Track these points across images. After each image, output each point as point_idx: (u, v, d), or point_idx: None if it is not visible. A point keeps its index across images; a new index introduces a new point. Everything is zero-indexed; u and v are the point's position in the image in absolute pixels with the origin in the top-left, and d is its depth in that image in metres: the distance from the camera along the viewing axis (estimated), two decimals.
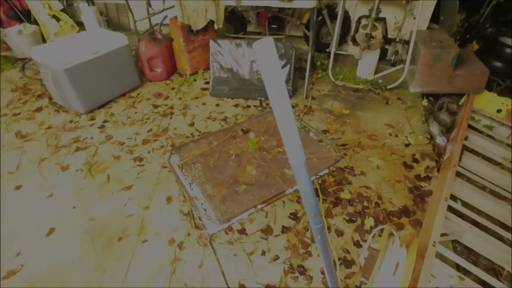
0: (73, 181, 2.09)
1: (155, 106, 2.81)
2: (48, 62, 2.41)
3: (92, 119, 2.66)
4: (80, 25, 4.01)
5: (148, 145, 2.38)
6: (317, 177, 1.32)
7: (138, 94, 2.97)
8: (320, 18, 3.22)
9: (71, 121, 2.63)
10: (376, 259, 1.35)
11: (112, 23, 4.37)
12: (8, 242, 1.73)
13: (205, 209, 1.15)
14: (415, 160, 2.22)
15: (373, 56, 3.07)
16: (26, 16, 3.79)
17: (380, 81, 3.09)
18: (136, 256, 1.65)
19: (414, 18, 2.79)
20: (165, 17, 3.17)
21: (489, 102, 2.76)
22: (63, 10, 3.83)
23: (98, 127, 2.56)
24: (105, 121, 2.63)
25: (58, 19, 3.76)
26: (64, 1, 4.02)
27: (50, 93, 2.75)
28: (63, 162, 2.23)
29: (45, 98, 2.91)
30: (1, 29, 3.67)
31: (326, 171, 1.34)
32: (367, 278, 1.20)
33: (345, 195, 1.96)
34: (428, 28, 3.19)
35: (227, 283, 1.37)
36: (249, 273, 1.57)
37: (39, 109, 2.77)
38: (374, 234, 1.61)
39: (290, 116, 0.66)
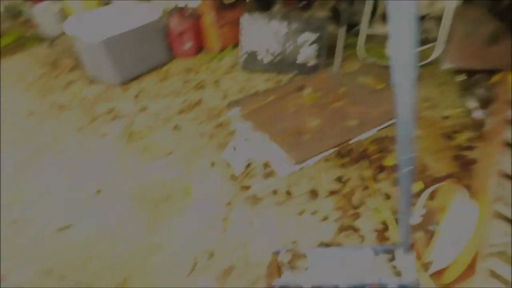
0: (113, 148, 2.10)
1: (186, 81, 2.80)
2: (84, 34, 2.41)
3: (126, 90, 2.66)
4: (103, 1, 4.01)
5: (183, 115, 2.38)
6: (380, 128, 1.30)
7: (169, 69, 2.97)
8: None
9: (105, 93, 2.64)
10: (436, 215, 1.34)
11: None
12: (56, 203, 1.74)
13: (275, 153, 1.14)
14: (455, 131, 2.19)
15: None
16: None
17: None
18: (184, 216, 1.66)
19: None
20: None
21: None
22: None
23: (132, 99, 2.57)
24: (138, 93, 2.63)
25: None
26: None
27: (84, 65, 2.76)
28: (101, 131, 2.24)
29: (77, 71, 2.92)
30: (28, 7, 3.68)
31: (390, 122, 1.32)
32: (432, 225, 1.19)
33: (388, 162, 1.94)
34: (464, 2, 3.12)
35: (283, 237, 1.36)
36: (301, 231, 1.57)
37: (72, 82, 2.79)
38: (429, 194, 1.59)
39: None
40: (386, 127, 1.32)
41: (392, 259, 1.34)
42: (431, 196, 1.60)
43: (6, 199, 1.76)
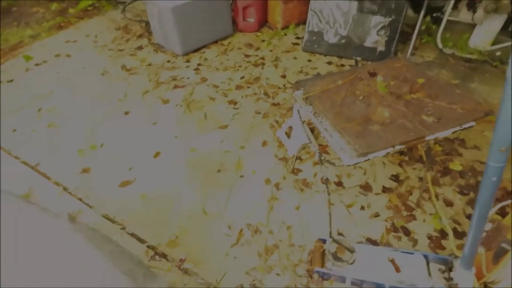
0: (174, 114, 2.20)
1: (247, 56, 2.79)
2: (157, 0, 2.49)
3: (188, 61, 2.74)
4: None
5: (241, 90, 2.39)
6: (462, 128, 1.18)
7: (230, 43, 2.97)
8: None
9: (168, 61, 2.74)
10: (505, 231, 1.20)
11: None
12: (121, 158, 1.90)
13: (337, 141, 1.10)
14: None
15: (495, 24, 2.64)
16: None
17: (498, 53, 2.67)
18: (234, 189, 1.71)
19: None
20: None
21: None
22: None
23: (194, 69, 2.63)
24: (199, 65, 2.69)
25: None
26: None
27: (153, 32, 2.88)
28: (164, 97, 2.35)
29: (144, 38, 3.06)
30: None
31: (472, 123, 1.19)
32: (504, 244, 1.08)
33: (455, 166, 1.77)
34: None
35: (331, 227, 1.33)
36: (348, 224, 1.53)
37: (140, 48, 2.93)
38: (498, 209, 1.44)
39: None
40: (465, 128, 1.18)
41: (447, 270, 1.25)
42: (501, 212, 1.44)
43: (78, 149, 1.96)
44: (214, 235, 1.51)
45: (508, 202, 1.35)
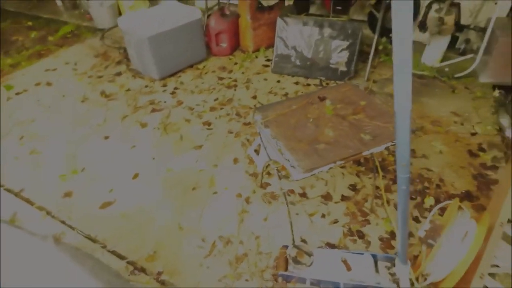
0: (151, 137, 2.34)
1: (220, 78, 2.99)
2: (133, 30, 2.67)
3: (164, 85, 2.91)
4: (151, 1, 4.30)
5: (215, 112, 2.57)
6: (393, 143, 1.39)
7: (204, 67, 3.17)
8: (388, 1, 3.15)
9: (146, 86, 2.90)
10: (440, 230, 1.40)
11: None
12: (101, 181, 2.02)
13: (288, 159, 1.28)
14: (482, 149, 2.17)
15: (441, 43, 2.96)
16: None
17: (447, 69, 2.99)
18: (208, 205, 1.86)
19: (496, 3, 2.63)
20: None
21: None
22: None
23: (170, 93, 2.80)
24: (176, 88, 2.86)
25: None
26: None
27: (130, 59, 3.05)
28: (142, 120, 2.50)
29: (123, 64, 3.22)
30: (86, 1, 4.06)
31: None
32: (432, 240, 1.27)
33: None
34: (508, 16, 2.99)
35: (293, 233, 1.51)
36: (310, 231, 1.70)
37: (119, 74, 3.08)
38: (437, 210, 1.65)
39: (408, 63, 0.75)
40: (395, 144, 1.39)
41: (392, 266, 1.44)
42: (442, 212, 1.66)
43: (60, 174, 2.07)
44: (189, 248, 1.65)
45: (445, 203, 1.56)
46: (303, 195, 1.90)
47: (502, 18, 2.85)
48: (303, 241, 1.66)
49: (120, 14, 4.08)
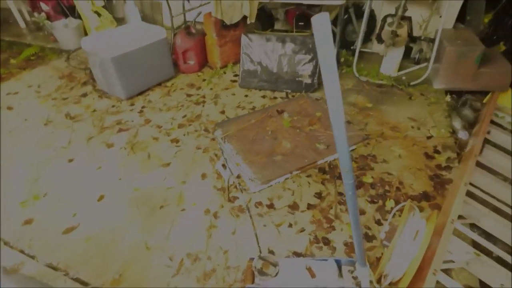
0: (118, 157, 2.32)
1: (188, 95, 3.02)
2: (97, 51, 2.67)
3: (132, 104, 2.90)
4: (118, 21, 4.31)
5: (183, 129, 2.59)
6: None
7: (173, 84, 3.20)
8: (346, 16, 3.34)
9: (113, 106, 2.88)
10: (395, 231, 1.47)
11: (146, 19, 4.64)
12: (65, 204, 1.97)
13: (246, 173, 1.32)
14: (437, 151, 2.31)
15: (397, 54, 3.16)
16: (71, 11, 4.12)
17: (404, 77, 3.17)
18: (176, 222, 1.85)
19: (440, 17, 2.86)
20: (199, 13, 3.39)
21: None
22: (104, 7, 4.14)
23: (138, 112, 2.79)
24: (143, 107, 2.86)
25: (99, 15, 4.07)
26: None
27: (96, 80, 3.02)
28: (108, 141, 2.47)
29: (89, 85, 3.18)
30: (50, 23, 4.01)
31: (354, 147, 1.48)
32: (389, 241, 1.34)
33: (367, 179, 2.08)
34: (454, 27, 3.25)
35: (259, 245, 1.53)
36: (278, 241, 1.73)
37: (84, 95, 3.04)
38: (395, 212, 1.73)
39: (335, 78, 0.82)
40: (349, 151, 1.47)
41: (355, 270, 1.49)
42: (400, 215, 1.74)
43: (21, 200, 1.99)
44: (156, 268, 1.62)
45: (401, 205, 1.64)
46: (271, 206, 1.93)
47: (448, 29, 3.09)
48: (271, 252, 1.68)
49: (86, 34, 4.06)
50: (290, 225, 1.81)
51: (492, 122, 2.52)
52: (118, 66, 2.68)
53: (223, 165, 2.11)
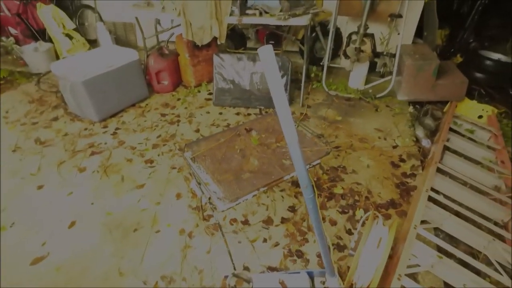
0: (90, 181, 2.28)
1: (163, 115, 3.04)
2: (67, 75, 2.66)
3: (105, 126, 2.88)
4: (91, 43, 4.31)
5: (157, 149, 2.59)
6: (311, 166, 1.53)
7: (147, 104, 3.21)
8: (314, 34, 3.51)
9: (85, 129, 2.85)
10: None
11: (119, 41, 4.67)
12: (34, 234, 1.91)
13: (215, 192, 1.36)
14: (402, 160, 2.44)
15: (363, 68, 3.34)
16: (41, 34, 4.08)
17: (370, 90, 3.35)
18: (150, 244, 1.83)
19: (398, 34, 3.07)
20: (172, 34, 3.47)
21: (471, 109, 3.01)
22: (76, 29, 4.14)
23: (111, 134, 2.78)
24: (117, 129, 2.85)
25: (71, 37, 4.06)
26: (76, 21, 4.34)
27: (67, 103, 2.99)
28: (80, 165, 2.43)
29: (60, 108, 3.14)
30: (18, 47, 3.95)
31: (318, 161, 1.55)
32: (354, 251, 1.40)
33: (338, 190, 2.16)
34: (413, 42, 3.48)
35: (233, 262, 1.55)
36: (253, 257, 1.75)
37: (55, 119, 3.00)
38: (363, 221, 1.80)
39: (285, 101, 0.88)
40: (314, 166, 1.54)
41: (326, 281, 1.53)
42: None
43: None
44: None
45: (367, 214, 1.72)
46: (245, 222, 1.96)
47: (407, 45, 3.32)
48: (246, 268, 1.70)
49: (57, 57, 4.02)
50: (265, 240, 1.84)
51: (451, 129, 2.69)
52: (89, 89, 2.68)
53: (197, 184, 2.13)
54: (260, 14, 2.72)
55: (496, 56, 3.46)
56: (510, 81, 3.35)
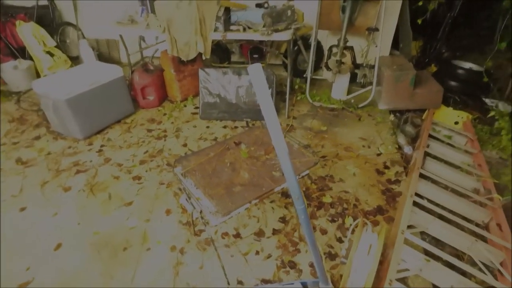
0: (76, 201, 2.23)
1: (149, 130, 3.02)
2: (49, 93, 2.62)
3: (90, 144, 2.83)
4: (73, 60, 4.26)
5: (145, 165, 2.56)
6: (300, 177, 1.56)
7: (133, 120, 3.19)
8: (296, 47, 3.62)
9: (69, 147, 2.79)
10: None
11: (102, 57, 4.64)
12: (18, 258, 1.83)
13: (207, 206, 1.36)
14: (386, 167, 2.52)
15: (344, 79, 3.46)
16: (21, 52, 4.00)
17: (352, 101, 3.46)
18: (140, 263, 1.80)
19: (376, 46, 3.22)
20: (156, 50, 3.49)
21: (447, 115, 3.16)
22: (57, 46, 4.10)
23: (97, 151, 2.73)
24: (102, 146, 2.81)
25: (52, 55, 4.01)
26: (57, 38, 4.29)
27: (50, 122, 2.92)
28: (65, 184, 2.37)
29: (42, 127, 3.07)
30: None
31: (307, 172, 1.59)
32: (346, 258, 1.42)
33: (326, 199, 2.20)
34: (390, 54, 3.65)
35: (226, 277, 1.54)
36: (246, 270, 1.75)
37: (37, 138, 2.92)
38: (353, 229, 1.84)
39: (274, 116, 0.92)
40: (303, 176, 1.58)
41: None
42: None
43: None
44: None
45: (356, 222, 1.76)
46: (237, 235, 1.95)
47: (385, 56, 3.48)
48: (240, 282, 1.69)
49: (38, 75, 3.95)
50: (257, 253, 1.85)
51: (430, 136, 2.81)
52: (73, 107, 2.64)
53: (187, 199, 2.12)
54: (244, 29, 2.80)
55: (467, 65, 3.67)
56: (481, 88, 3.56)
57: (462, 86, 3.58)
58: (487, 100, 3.56)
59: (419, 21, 3.35)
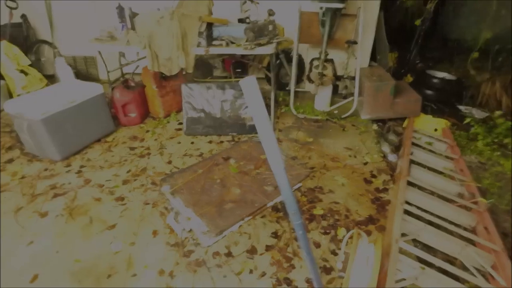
0: (54, 227, 2.08)
1: (132, 148, 2.92)
2: (24, 113, 2.48)
3: (68, 165, 2.69)
4: (48, 78, 4.11)
5: (128, 185, 2.45)
6: (292, 190, 1.53)
7: (114, 139, 3.07)
8: (278, 61, 3.66)
9: (46, 169, 2.64)
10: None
11: (80, 75, 4.50)
12: None
13: (198, 226, 1.30)
14: (373, 176, 2.55)
15: (327, 91, 3.52)
16: None
17: (336, 111, 3.52)
18: None
19: (356, 58, 3.31)
20: (137, 66, 3.42)
21: (426, 123, 3.27)
22: (31, 65, 3.94)
23: (76, 173, 2.60)
24: (82, 166, 2.67)
25: (26, 73, 3.85)
26: (32, 56, 4.14)
27: (24, 144, 2.76)
28: (41, 209, 2.22)
29: (16, 149, 2.90)
30: None
31: (300, 185, 1.56)
32: (343, 272, 1.39)
33: (318, 211, 2.18)
34: (369, 65, 3.77)
35: None
36: None
37: (10, 161, 2.75)
38: (346, 240, 1.82)
39: (270, 131, 0.89)
40: (295, 190, 1.55)
41: None
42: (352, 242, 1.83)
43: None
44: None
45: (350, 233, 1.74)
46: (229, 254, 1.88)
47: (365, 68, 3.58)
48: None
49: (11, 95, 3.77)
50: (251, 271, 1.78)
51: (412, 143, 2.88)
52: (49, 127, 2.51)
53: (175, 219, 2.04)
54: (227, 44, 2.80)
55: (441, 74, 3.85)
56: (456, 96, 3.72)
57: (437, 95, 3.73)
58: (461, 107, 3.72)
59: (417, 22, 3.56)
